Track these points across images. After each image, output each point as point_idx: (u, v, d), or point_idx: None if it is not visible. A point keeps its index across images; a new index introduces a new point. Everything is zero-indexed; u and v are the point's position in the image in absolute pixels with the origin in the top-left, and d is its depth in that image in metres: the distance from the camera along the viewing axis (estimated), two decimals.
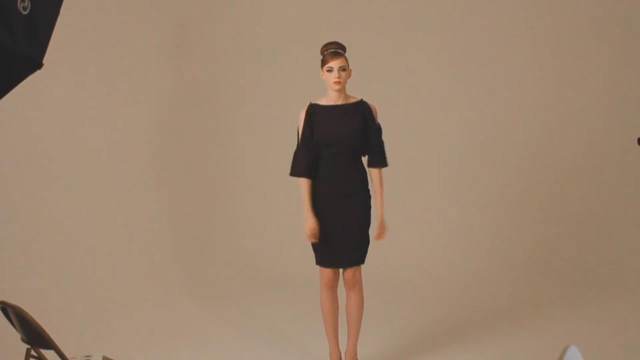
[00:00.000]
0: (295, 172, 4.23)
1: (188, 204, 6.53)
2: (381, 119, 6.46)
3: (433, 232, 6.57)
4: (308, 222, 4.16)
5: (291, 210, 6.03)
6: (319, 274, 4.30)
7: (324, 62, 4.16)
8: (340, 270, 4.31)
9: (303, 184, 4.20)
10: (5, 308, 3.26)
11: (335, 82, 4.13)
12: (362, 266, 4.31)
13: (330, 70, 4.14)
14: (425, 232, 6.57)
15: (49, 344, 3.18)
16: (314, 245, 4.27)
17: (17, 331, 3.31)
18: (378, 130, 4.26)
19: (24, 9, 2.69)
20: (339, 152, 4.17)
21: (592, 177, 6.62)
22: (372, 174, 4.28)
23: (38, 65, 2.85)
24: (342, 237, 4.19)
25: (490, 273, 6.17)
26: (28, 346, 3.32)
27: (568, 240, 6.44)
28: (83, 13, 5.81)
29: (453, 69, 6.72)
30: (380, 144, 4.27)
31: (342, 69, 4.14)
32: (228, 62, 6.77)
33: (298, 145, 4.24)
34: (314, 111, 4.21)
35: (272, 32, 6.80)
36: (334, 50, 4.17)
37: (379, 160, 4.26)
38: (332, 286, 4.29)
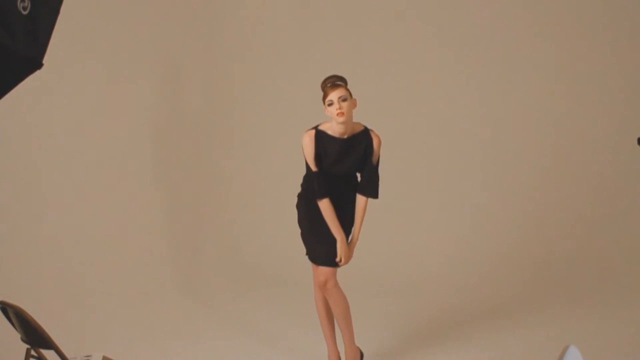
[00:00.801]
0: (316, 196, 4.16)
1: (185, 204, 6.53)
2: (389, 121, 6.47)
3: (434, 231, 6.57)
4: (343, 249, 4.16)
5: (287, 210, 6.02)
6: (314, 274, 4.30)
7: (324, 97, 4.07)
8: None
9: (326, 208, 4.14)
10: (5, 308, 3.26)
11: (338, 114, 4.02)
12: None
13: (331, 104, 4.03)
14: (425, 231, 6.56)
15: (49, 344, 3.18)
16: (308, 243, 4.29)
17: (17, 331, 3.31)
18: (374, 166, 4.19)
19: (24, 9, 2.70)
20: (338, 177, 4.20)
21: (592, 177, 6.62)
22: (359, 199, 4.22)
23: (38, 65, 2.85)
24: (328, 240, 4.19)
25: (490, 272, 6.16)
26: (28, 346, 3.32)
27: (568, 240, 6.43)
28: (83, 13, 5.81)
29: (461, 71, 6.72)
30: (374, 178, 4.20)
31: (343, 99, 4.02)
32: (228, 65, 6.77)
33: (311, 172, 4.17)
34: (320, 139, 4.12)
35: (271, 34, 6.80)
36: (331, 82, 4.06)
37: (370, 192, 4.21)
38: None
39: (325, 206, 4.13)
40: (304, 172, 4.28)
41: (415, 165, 6.71)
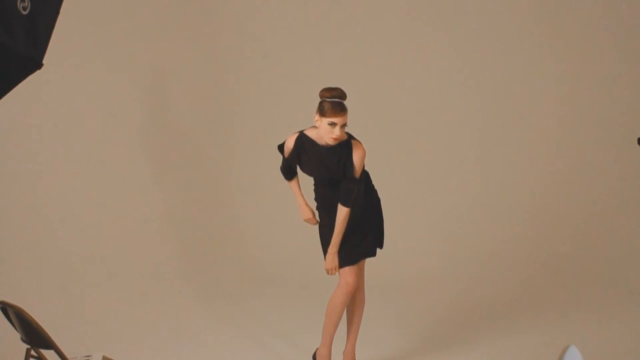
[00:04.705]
0: (285, 178, 4.44)
1: (189, 203, 6.52)
2: (385, 119, 6.44)
3: (434, 232, 6.57)
4: (302, 214, 4.42)
5: (292, 210, 6.02)
6: (343, 278, 4.22)
7: (324, 113, 3.97)
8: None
9: (290, 185, 4.45)
10: (5, 308, 3.26)
11: (333, 139, 3.99)
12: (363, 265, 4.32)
13: (332, 125, 3.96)
14: (426, 232, 6.56)
15: (49, 344, 3.18)
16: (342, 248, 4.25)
17: (17, 331, 3.31)
18: (352, 177, 4.08)
19: (24, 9, 2.70)
20: (324, 181, 4.20)
21: (592, 177, 6.62)
22: (338, 208, 4.15)
23: (38, 65, 2.85)
24: (350, 236, 4.18)
25: (490, 273, 6.16)
26: (28, 346, 3.32)
27: (568, 240, 6.44)
28: (83, 13, 5.81)
29: (460, 70, 6.73)
30: (352, 187, 4.08)
31: (344, 125, 3.99)
32: (231, 60, 6.76)
33: (282, 163, 4.36)
34: (302, 143, 4.14)
35: (267, 34, 6.80)
36: (338, 102, 3.97)
37: (342, 198, 4.10)
38: (354, 291, 4.25)
39: (290, 185, 4.44)
40: None
41: (415, 165, 6.71)
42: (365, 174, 4.24)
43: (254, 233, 6.64)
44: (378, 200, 4.33)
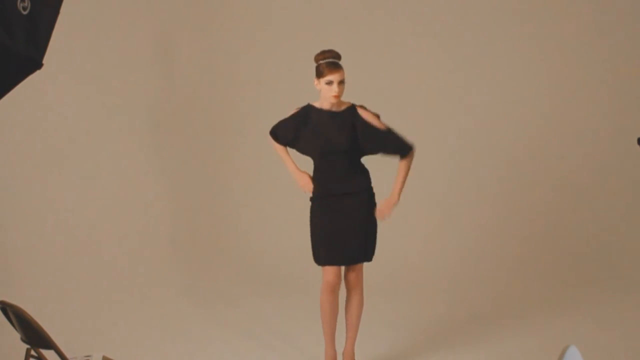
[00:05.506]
0: (273, 139, 4.35)
1: (189, 204, 6.53)
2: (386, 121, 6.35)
3: (432, 232, 6.56)
4: (298, 180, 4.29)
5: (292, 210, 6.02)
6: (324, 276, 4.23)
7: (321, 74, 4.07)
8: (342, 270, 4.29)
9: (278, 150, 4.35)
10: (5, 308, 3.26)
11: (334, 96, 4.07)
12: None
13: (329, 83, 4.05)
14: (424, 232, 6.56)
15: (49, 344, 3.18)
16: (316, 245, 4.25)
17: (17, 331, 3.31)
18: (379, 130, 4.16)
19: (24, 9, 2.70)
20: (330, 155, 4.17)
21: (591, 176, 6.62)
22: (399, 164, 4.26)
23: (38, 65, 2.86)
24: (344, 236, 4.17)
25: (489, 273, 6.16)
26: (28, 346, 3.33)
27: (568, 240, 6.44)
28: (83, 13, 5.81)
29: (452, 68, 6.72)
30: (391, 137, 4.18)
31: (342, 82, 4.07)
32: (233, 56, 6.76)
33: (283, 121, 4.31)
34: (306, 112, 4.21)
35: (270, 22, 6.79)
36: (332, 61, 4.07)
37: (396, 149, 4.22)
38: (335, 289, 4.23)
39: (278, 150, 4.36)
40: (310, 168, 4.29)
41: (416, 166, 6.68)
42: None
43: (254, 233, 6.64)
44: (374, 205, 4.33)
